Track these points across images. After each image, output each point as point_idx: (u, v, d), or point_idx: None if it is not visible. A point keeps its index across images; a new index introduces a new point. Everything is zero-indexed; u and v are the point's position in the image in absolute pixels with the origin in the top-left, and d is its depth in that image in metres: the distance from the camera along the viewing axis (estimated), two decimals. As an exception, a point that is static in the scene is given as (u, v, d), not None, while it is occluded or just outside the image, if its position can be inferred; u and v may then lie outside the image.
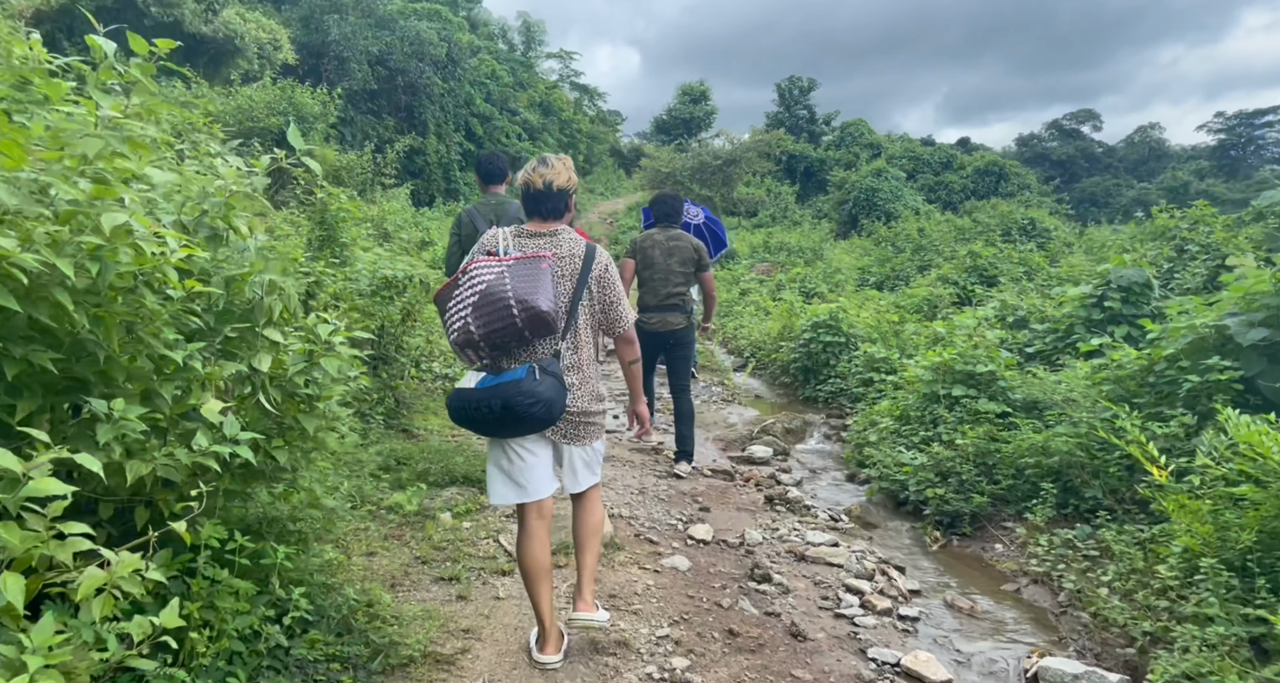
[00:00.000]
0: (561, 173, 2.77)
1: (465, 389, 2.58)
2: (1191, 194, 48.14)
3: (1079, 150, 65.71)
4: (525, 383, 2.51)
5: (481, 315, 2.48)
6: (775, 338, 9.23)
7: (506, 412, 2.49)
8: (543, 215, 2.76)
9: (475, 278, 2.54)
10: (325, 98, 13.98)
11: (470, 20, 41.73)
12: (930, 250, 13.02)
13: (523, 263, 2.55)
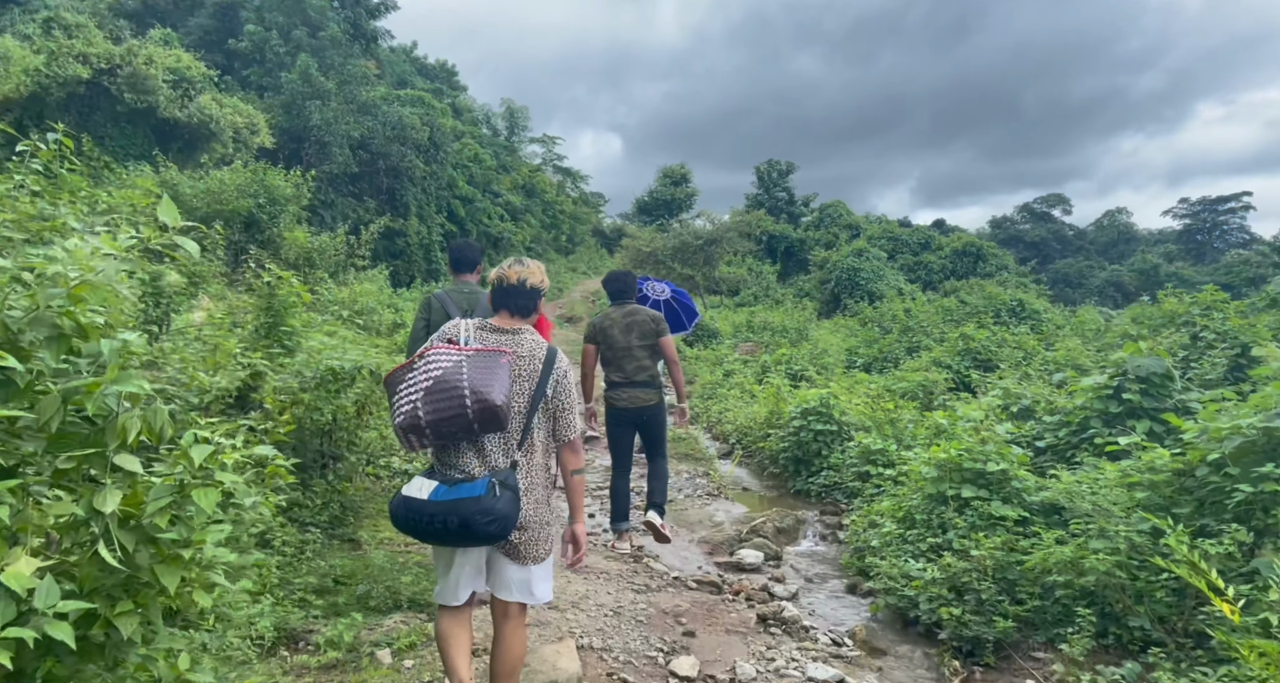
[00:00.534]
0: (535, 273, 2.75)
1: (416, 500, 2.44)
2: (1162, 276, 49.05)
3: (1051, 233, 67.27)
4: (485, 501, 2.39)
5: (432, 402, 2.40)
6: (762, 424, 8.72)
7: (464, 529, 2.38)
8: (511, 311, 2.70)
9: (431, 364, 2.47)
10: (299, 179, 13.72)
11: (455, 107, 42.60)
12: (918, 332, 12.70)
13: (482, 355, 2.50)
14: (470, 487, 2.42)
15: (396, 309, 14.60)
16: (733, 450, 9.55)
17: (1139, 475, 3.79)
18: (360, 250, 14.34)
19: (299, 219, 14.41)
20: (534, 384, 2.59)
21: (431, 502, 2.41)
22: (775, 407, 8.65)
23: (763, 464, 8.44)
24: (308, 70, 24.04)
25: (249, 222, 13.08)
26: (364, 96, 26.53)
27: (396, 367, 2.60)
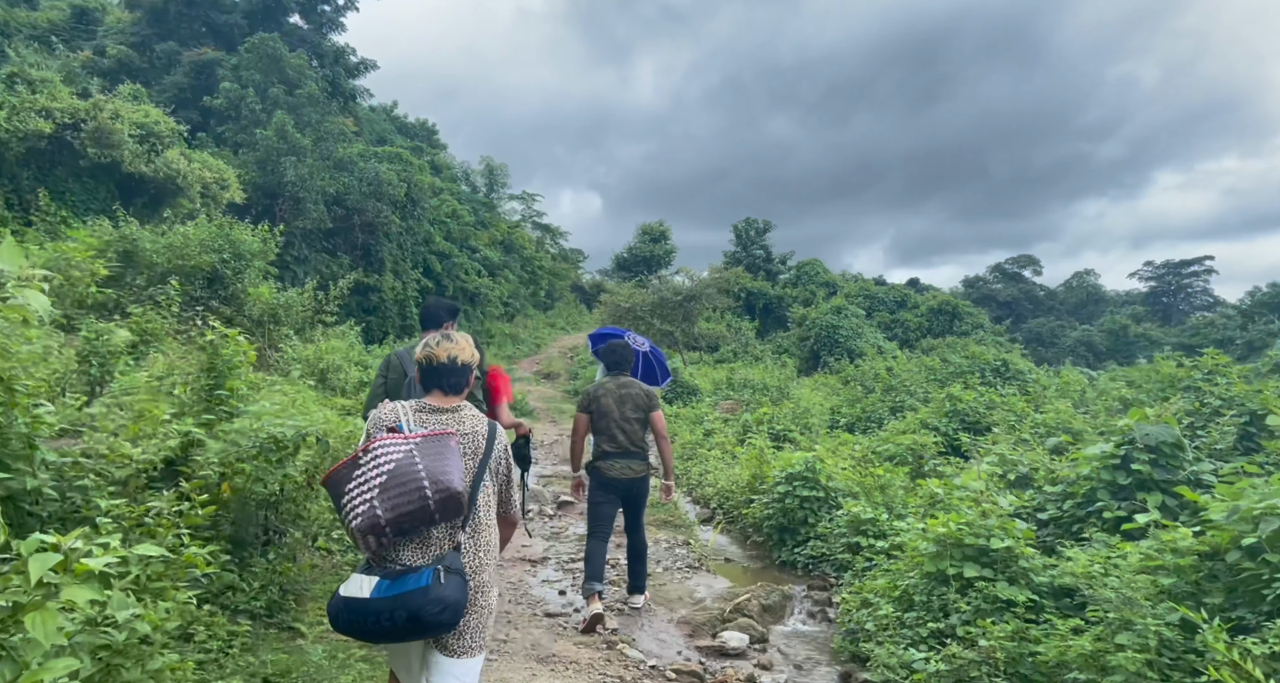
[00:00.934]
0: (465, 349, 2.68)
1: (357, 600, 2.28)
2: (1130, 337, 49.83)
3: (1022, 292, 68.42)
4: (433, 591, 2.26)
5: (390, 497, 2.27)
6: (744, 488, 8.30)
7: (413, 623, 2.24)
8: (444, 390, 2.62)
9: (381, 457, 2.33)
10: (266, 234, 13.37)
11: (434, 164, 42.80)
12: (901, 391, 12.40)
13: (430, 440, 2.40)
14: (415, 578, 2.29)
15: (365, 367, 14.13)
16: (714, 516, 9.09)
17: (1162, 559, 3.43)
18: (328, 306, 13.94)
19: (266, 275, 14.02)
20: (478, 461, 2.54)
21: (375, 599, 2.26)
22: (758, 470, 8.25)
23: (746, 532, 7.98)
24: (283, 127, 23.97)
25: (212, 277, 12.66)
26: (340, 153, 26.49)
27: (336, 465, 2.42)
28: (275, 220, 24.95)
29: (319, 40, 30.63)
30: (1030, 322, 60.17)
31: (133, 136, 15.33)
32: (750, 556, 7.41)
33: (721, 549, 7.63)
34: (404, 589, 2.26)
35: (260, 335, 12.83)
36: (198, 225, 12.81)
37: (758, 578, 6.63)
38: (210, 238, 12.66)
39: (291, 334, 12.58)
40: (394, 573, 2.32)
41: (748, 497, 8.23)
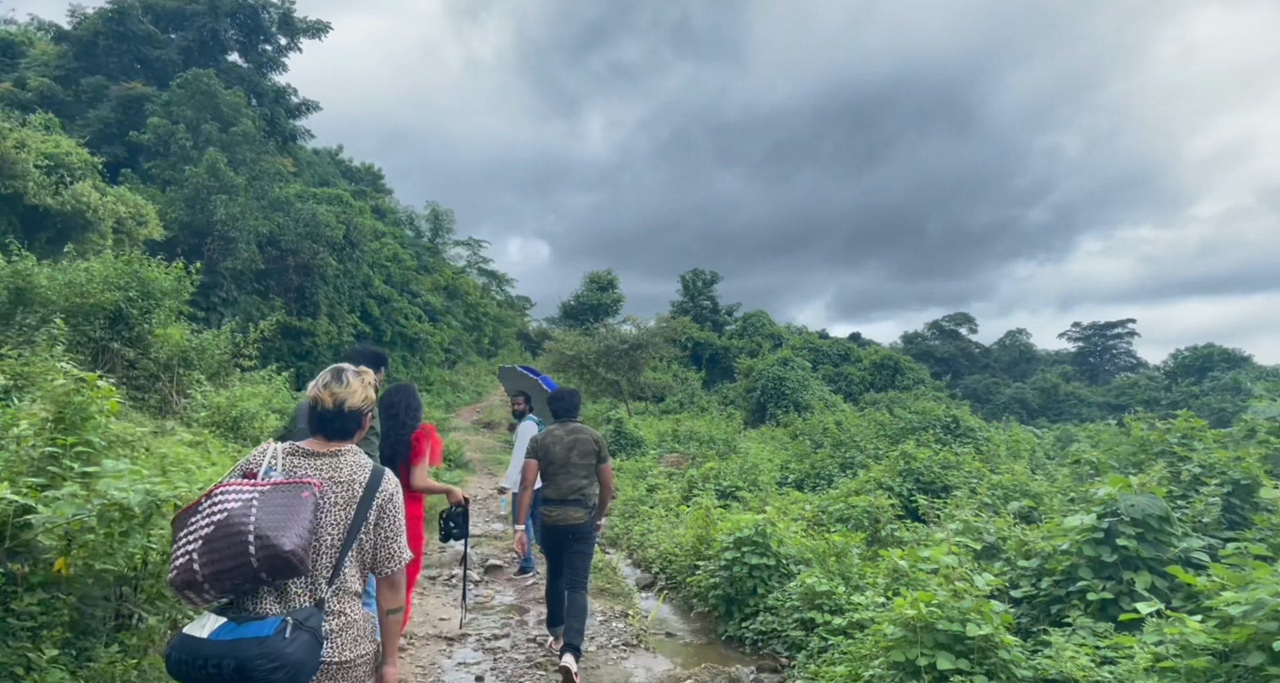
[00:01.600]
0: (357, 392, 2.45)
1: (192, 639, 2.07)
2: (1060, 395, 51.03)
3: (959, 349, 69.98)
4: (270, 643, 2.04)
5: (210, 551, 2.06)
6: (689, 552, 7.64)
7: (239, 676, 2.00)
8: (328, 436, 2.42)
9: (217, 505, 2.13)
10: (180, 272, 12.44)
11: (378, 208, 41.96)
12: (851, 447, 11.93)
13: (280, 490, 2.18)
14: (257, 626, 2.07)
15: (285, 415, 13.13)
16: (655, 581, 8.38)
17: (1172, 661, 2.91)
18: (247, 349, 12.98)
19: (181, 315, 13.02)
20: (350, 513, 2.31)
21: (209, 642, 2.04)
22: (704, 531, 7.61)
23: (689, 602, 7.30)
24: (215, 164, 23.01)
25: (115, 317, 11.66)
26: (276, 193, 25.56)
27: (184, 507, 2.22)
28: (203, 260, 23.87)
29: (258, 80, 29.90)
30: (967, 378, 61.40)
31: (40, 167, 14.32)
32: (694, 629, 6.71)
33: (663, 621, 6.91)
34: (239, 636, 2.05)
35: (170, 380, 11.81)
36: (101, 261, 11.83)
37: (702, 657, 5.94)
38: (115, 275, 11.69)
39: (204, 380, 11.59)
40: (242, 618, 2.11)
41: (692, 562, 7.57)
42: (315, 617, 2.18)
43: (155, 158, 24.82)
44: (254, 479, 2.25)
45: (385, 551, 2.38)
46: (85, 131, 25.88)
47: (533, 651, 5.75)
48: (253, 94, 29.24)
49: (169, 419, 11.02)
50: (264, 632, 2.06)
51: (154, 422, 10.99)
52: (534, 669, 5.39)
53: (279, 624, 2.09)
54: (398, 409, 4.40)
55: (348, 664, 2.29)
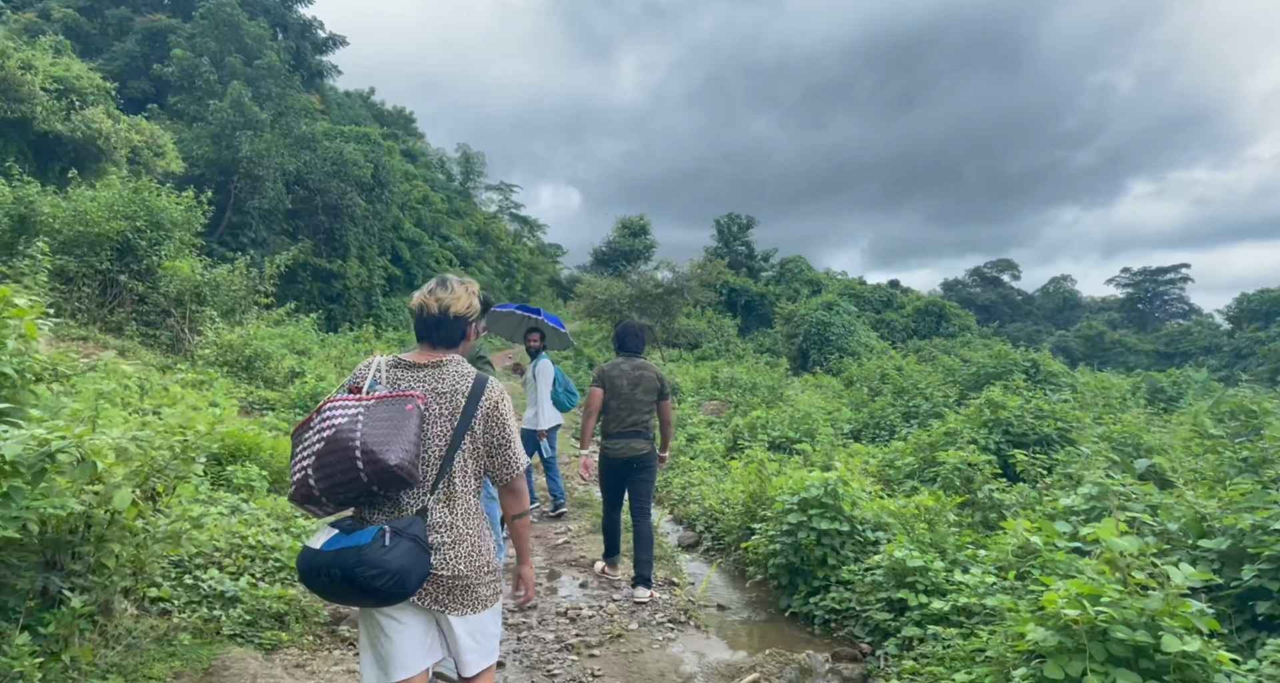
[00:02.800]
0: (461, 298, 2.42)
1: (310, 550, 2.15)
2: (1106, 343, 48.90)
3: (1000, 296, 67.71)
4: (368, 550, 2.06)
5: (323, 465, 2.09)
6: (741, 512, 6.65)
7: (348, 584, 2.06)
8: (433, 342, 2.39)
9: (326, 420, 2.15)
10: (191, 202, 11.50)
11: (409, 151, 40.76)
12: (916, 394, 10.78)
13: (384, 403, 2.17)
14: (359, 535, 2.10)
15: (307, 356, 12.30)
16: (700, 540, 7.43)
17: None
18: (263, 285, 12.10)
19: (196, 250, 12.14)
20: (455, 423, 2.29)
21: (321, 552, 2.11)
22: (758, 488, 6.60)
23: (742, 567, 6.33)
24: (239, 98, 21.97)
25: (122, 248, 10.78)
26: (303, 130, 24.49)
27: (302, 421, 2.25)
28: (230, 199, 23.04)
29: (284, 11, 28.58)
30: (1008, 326, 59.40)
31: (49, 91, 13.37)
32: (750, 602, 5.74)
33: (713, 592, 5.95)
34: (341, 546, 2.08)
35: (182, 316, 10.98)
36: (105, 186, 10.92)
37: (763, 638, 4.97)
38: (122, 203, 10.77)
39: (215, 317, 10.73)
40: (350, 528, 2.16)
41: (744, 522, 6.57)
42: (417, 525, 2.18)
43: (180, 93, 23.85)
44: (360, 394, 2.23)
45: (500, 459, 2.36)
46: (112, 65, 24.96)
47: (563, 627, 4.82)
48: (278, 26, 27.97)
49: (176, 358, 10.20)
50: (362, 540, 2.08)
51: (164, 359, 10.17)
52: (564, 653, 4.46)
53: (377, 532, 2.10)
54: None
55: (460, 579, 2.26)
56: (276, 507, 5.60)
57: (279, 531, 5.29)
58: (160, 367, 9.53)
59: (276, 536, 5.08)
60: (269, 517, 5.44)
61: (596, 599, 5.31)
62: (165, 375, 8.34)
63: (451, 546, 2.25)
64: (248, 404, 9.15)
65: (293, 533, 5.29)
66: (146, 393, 7.21)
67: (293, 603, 4.28)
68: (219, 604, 4.12)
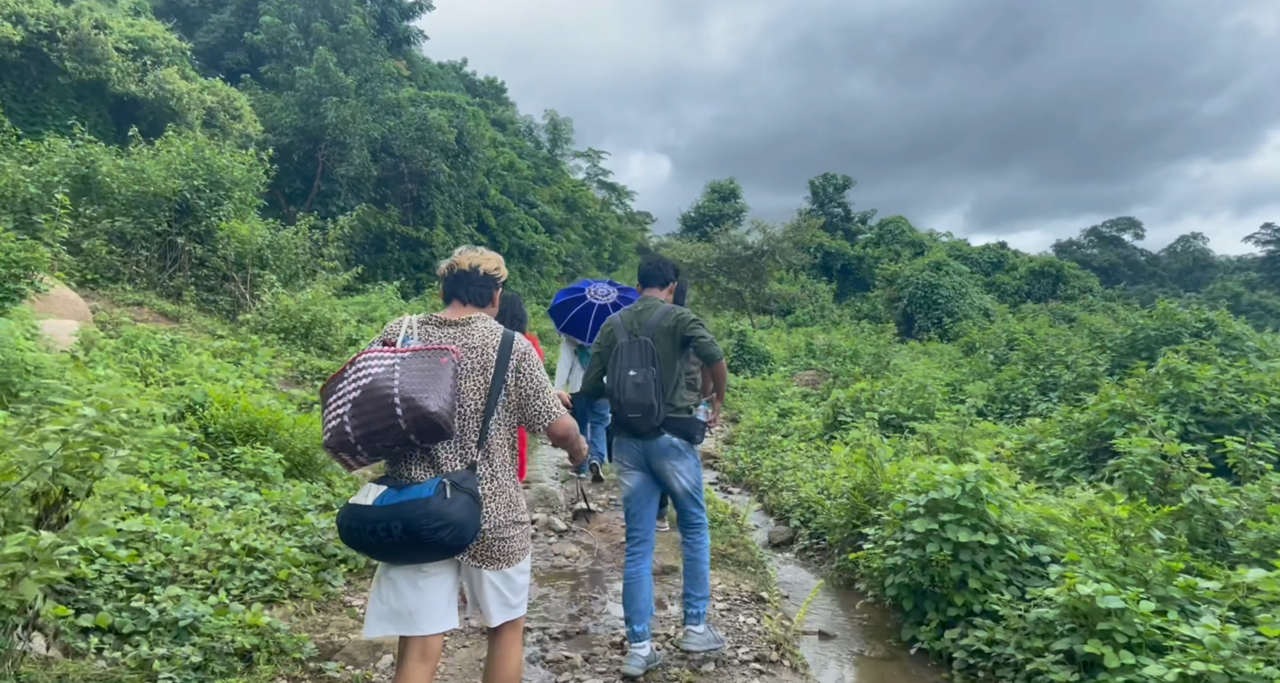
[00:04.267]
0: (491, 259, 2.50)
1: (360, 506, 2.14)
2: (1243, 305, 43.87)
3: (1121, 257, 62.39)
4: (434, 503, 2.07)
5: (360, 414, 2.08)
6: (847, 510, 5.32)
7: (409, 536, 2.05)
8: (463, 299, 2.45)
9: (361, 370, 2.16)
10: (253, 160, 10.81)
11: (498, 120, 40.13)
12: (1055, 363, 8.97)
13: (419, 355, 2.18)
14: (418, 489, 2.11)
15: (368, 322, 11.56)
16: (794, 537, 6.15)
17: None
18: (328, 249, 11.38)
19: (258, 210, 11.51)
20: (489, 377, 2.30)
21: (375, 507, 2.10)
22: (868, 479, 5.25)
23: (848, 575, 5.03)
24: (325, 64, 21.55)
25: (181, 209, 10.17)
26: (387, 95, 23.95)
27: (333, 374, 2.25)
28: (319, 167, 22.80)
29: (370, -24, 28.03)
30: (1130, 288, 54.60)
31: (124, 52, 12.98)
32: (863, 628, 4.43)
33: (813, 610, 4.68)
34: (401, 500, 2.08)
35: (242, 281, 10.35)
36: (164, 143, 10.31)
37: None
38: (181, 161, 10.14)
39: (275, 282, 10.03)
40: (400, 484, 2.17)
41: (850, 520, 5.25)
42: (470, 479, 2.19)
43: (270, 61, 23.69)
44: (390, 347, 2.24)
45: (533, 408, 2.36)
46: (209, 37, 25.09)
47: (615, 665, 3.66)
48: (363, -8, 27.45)
49: (233, 325, 9.54)
50: (425, 493, 2.08)
51: (221, 324, 9.53)
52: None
53: (438, 484, 2.11)
54: (503, 318, 3.99)
55: (500, 529, 2.27)
56: (288, 498, 4.65)
57: (280, 529, 4.33)
58: (216, 333, 8.87)
59: (273, 537, 4.12)
60: (274, 511, 4.49)
61: (661, 623, 4.13)
62: (205, 342, 7.60)
63: (492, 498, 2.27)
64: (299, 374, 8.37)
65: (296, 533, 4.32)
66: (172, 361, 6.44)
67: (267, 633, 3.27)
68: (169, 636, 3.15)
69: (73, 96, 12.62)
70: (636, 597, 3.43)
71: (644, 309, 3.58)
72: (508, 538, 2.27)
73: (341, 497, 5.33)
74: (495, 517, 2.25)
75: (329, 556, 4.26)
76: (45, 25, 11.96)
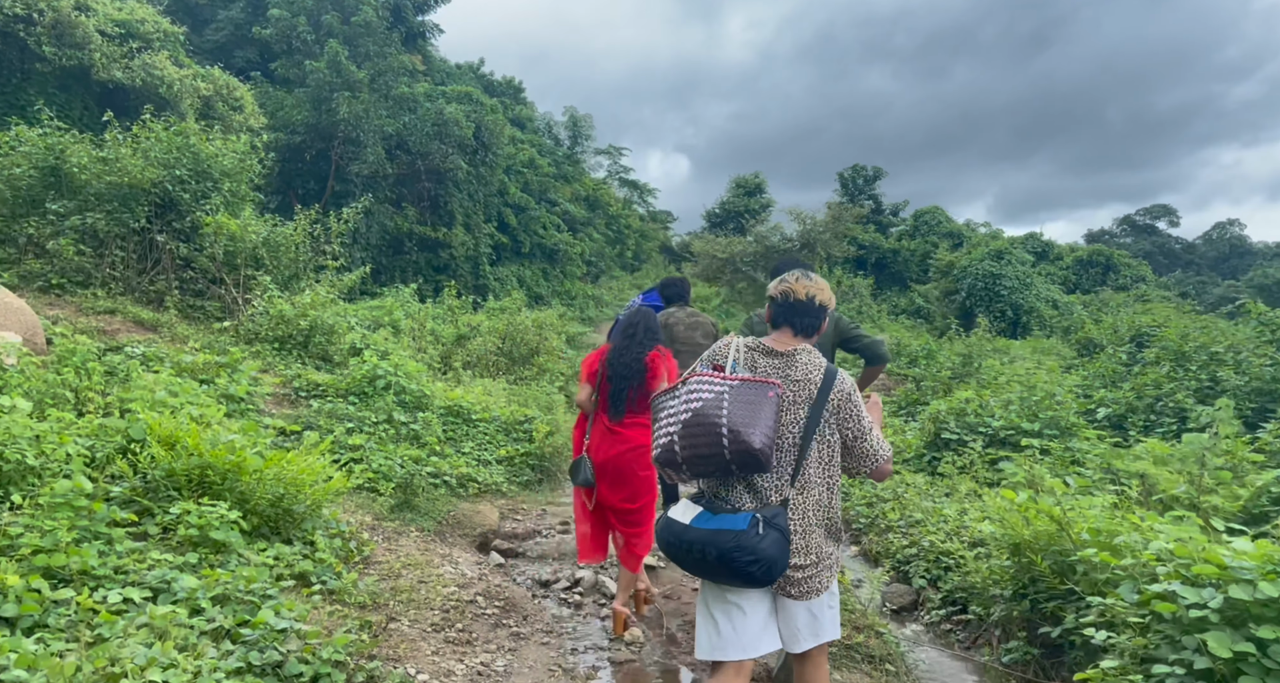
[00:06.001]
0: (825, 289, 2.43)
1: (678, 523, 2.21)
2: (1286, 292, 41.58)
3: (1155, 246, 60.10)
4: (746, 537, 2.09)
5: (688, 436, 2.14)
6: (1005, 572, 3.80)
7: (722, 564, 2.10)
8: (795, 329, 2.38)
9: (693, 393, 2.19)
10: (245, 148, 9.44)
11: (516, 119, 38.81)
12: (1216, 364, 7.34)
13: (748, 386, 2.17)
14: (732, 518, 2.14)
15: (379, 328, 10.16)
16: (920, 600, 4.64)
17: None
18: (330, 245, 10.00)
19: (254, 205, 10.15)
20: (807, 412, 2.25)
21: (692, 528, 2.16)
22: (1046, 532, 3.72)
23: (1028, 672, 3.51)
24: (336, 57, 20.28)
25: (164, 203, 8.81)
26: (402, 89, 22.64)
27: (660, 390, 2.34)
28: (332, 166, 21.54)
29: (382, -31, 26.75)
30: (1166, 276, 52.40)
31: (108, 36, 11.70)
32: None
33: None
34: (717, 526, 2.12)
35: (234, 284, 8.98)
36: (144, 128, 8.96)
37: None
38: (161, 150, 8.78)
39: (268, 284, 8.65)
40: (717, 508, 2.22)
41: (1018, 592, 3.73)
42: (782, 516, 2.16)
43: (279, 57, 22.47)
44: (721, 371, 2.26)
45: (858, 451, 2.30)
46: (218, 34, 23.97)
47: None
48: (376, -16, 26.16)
49: (213, 334, 8.16)
50: (739, 525, 2.09)
51: (210, 335, 8.16)
52: None
53: (751, 519, 2.11)
54: (635, 330, 3.87)
55: (807, 568, 2.25)
56: (241, 578, 3.22)
57: (220, 635, 2.89)
58: (196, 345, 7.49)
59: (202, 657, 2.68)
60: (216, 604, 3.06)
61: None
62: (174, 356, 6.21)
63: (801, 536, 2.25)
64: (292, 391, 6.97)
65: (245, 642, 2.88)
66: (120, 382, 5.06)
67: None
68: None
69: (54, 85, 11.36)
70: None
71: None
72: (813, 576, 2.26)
73: (325, 563, 3.92)
74: (802, 555, 2.24)
75: (290, 679, 2.82)
76: (21, 7, 10.69)
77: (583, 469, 3.79)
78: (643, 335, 3.85)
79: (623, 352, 3.84)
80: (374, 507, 5.23)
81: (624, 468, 3.73)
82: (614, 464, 3.74)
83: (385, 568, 4.28)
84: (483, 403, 7.76)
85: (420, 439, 6.46)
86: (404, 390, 7.03)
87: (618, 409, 3.74)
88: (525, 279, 26.46)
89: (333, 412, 6.39)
